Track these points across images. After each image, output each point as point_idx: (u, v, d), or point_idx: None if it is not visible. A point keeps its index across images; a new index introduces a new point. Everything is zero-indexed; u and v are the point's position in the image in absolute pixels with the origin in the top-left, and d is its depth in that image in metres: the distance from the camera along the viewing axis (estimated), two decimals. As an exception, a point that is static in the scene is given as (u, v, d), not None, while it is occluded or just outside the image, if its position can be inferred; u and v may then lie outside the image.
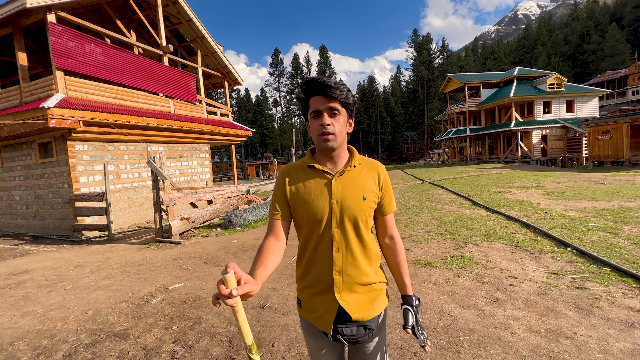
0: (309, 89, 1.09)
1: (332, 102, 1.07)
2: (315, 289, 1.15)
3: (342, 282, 1.11)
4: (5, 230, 9.66)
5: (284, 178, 1.19)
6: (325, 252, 1.12)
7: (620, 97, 47.05)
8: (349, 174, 1.14)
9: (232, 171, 15.50)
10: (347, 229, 1.11)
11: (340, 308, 1.10)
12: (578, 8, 79.61)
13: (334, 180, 1.12)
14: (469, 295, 3.07)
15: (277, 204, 1.17)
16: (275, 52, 69.52)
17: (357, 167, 1.16)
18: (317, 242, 1.13)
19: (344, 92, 1.08)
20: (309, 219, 1.12)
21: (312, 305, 1.16)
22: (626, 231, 4.57)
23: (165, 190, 6.63)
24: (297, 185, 1.16)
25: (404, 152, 68.73)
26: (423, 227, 5.87)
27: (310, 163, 1.16)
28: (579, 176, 12.10)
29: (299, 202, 1.14)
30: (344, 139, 1.13)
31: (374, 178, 1.16)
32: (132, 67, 9.52)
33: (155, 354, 2.51)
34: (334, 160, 1.15)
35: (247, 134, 14.81)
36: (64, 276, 4.75)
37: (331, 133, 1.08)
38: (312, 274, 1.15)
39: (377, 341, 1.17)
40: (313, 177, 1.15)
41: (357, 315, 1.10)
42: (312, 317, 1.16)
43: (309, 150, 1.22)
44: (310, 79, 1.09)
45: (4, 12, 7.36)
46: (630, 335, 2.26)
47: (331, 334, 1.12)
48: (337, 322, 1.11)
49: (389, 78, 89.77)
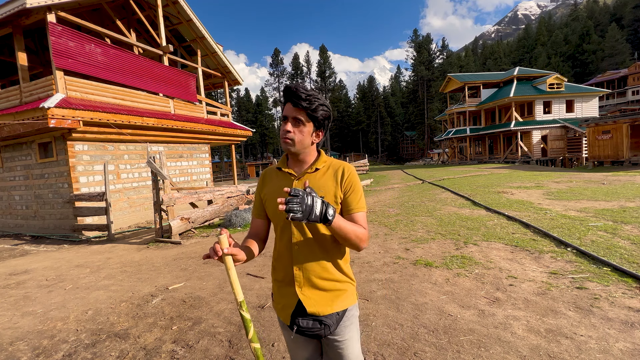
0: (285, 95, 1.17)
1: (298, 112, 1.14)
2: (281, 282, 1.24)
3: (302, 276, 1.18)
4: (5, 230, 9.67)
5: (261, 180, 1.33)
6: (287, 248, 1.20)
7: (620, 97, 47.06)
8: (310, 176, 1.22)
9: (232, 171, 15.50)
10: (304, 226, 1.17)
11: (299, 301, 1.17)
12: (578, 8, 79.51)
13: (295, 182, 1.21)
14: (469, 295, 3.07)
15: (255, 204, 1.34)
16: (275, 52, 69.53)
17: (321, 170, 1.23)
18: (281, 237, 1.23)
19: (313, 105, 1.12)
20: (274, 215, 1.23)
21: (278, 297, 1.26)
22: (626, 231, 4.57)
23: (165, 190, 6.63)
24: (268, 185, 1.28)
25: (404, 152, 68.74)
26: (423, 227, 5.87)
27: (279, 166, 1.27)
28: (579, 176, 12.10)
29: (268, 201, 1.25)
30: (305, 147, 1.19)
31: (336, 179, 1.20)
32: (132, 67, 9.53)
33: (155, 354, 2.51)
34: (299, 163, 1.25)
35: (247, 134, 14.81)
36: (64, 276, 4.75)
37: (290, 139, 1.15)
38: (278, 268, 1.25)
39: (346, 339, 1.21)
40: (281, 178, 1.26)
41: (312, 309, 1.16)
42: (277, 308, 1.26)
43: (284, 154, 1.31)
44: (287, 86, 1.16)
45: (4, 12, 7.36)
46: (630, 335, 2.26)
47: (288, 325, 1.20)
48: (295, 315, 1.18)
49: (389, 78, 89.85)
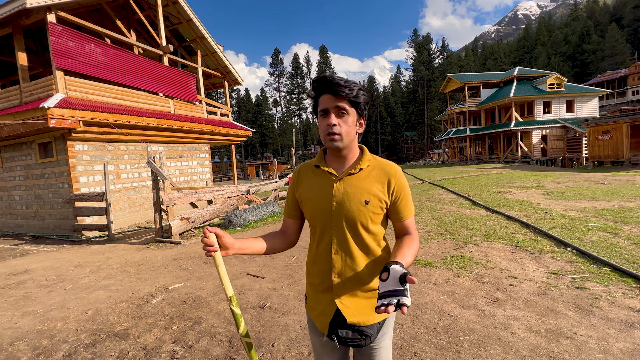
0: (319, 87, 1.08)
1: (340, 101, 1.04)
2: (317, 288, 1.17)
3: (342, 285, 1.10)
4: (5, 230, 9.66)
5: (296, 177, 1.24)
6: (325, 253, 1.12)
7: (620, 97, 47.04)
8: (354, 176, 1.11)
9: (232, 171, 15.49)
10: (346, 232, 1.09)
11: (338, 310, 1.10)
12: (578, 8, 79.52)
13: (337, 182, 1.11)
14: (469, 295, 3.07)
15: (287, 202, 1.26)
16: (275, 52, 69.51)
17: (366, 170, 1.13)
18: (319, 241, 1.15)
19: (353, 91, 1.04)
20: (312, 218, 1.16)
21: (313, 302, 1.19)
22: (626, 231, 4.57)
23: (165, 190, 6.63)
24: (305, 184, 1.19)
25: (404, 152, 68.73)
26: (423, 227, 5.87)
27: (317, 163, 1.17)
28: (579, 176, 12.10)
29: (305, 201, 1.17)
30: (352, 140, 1.10)
31: (383, 183, 1.10)
32: (132, 67, 9.52)
33: (155, 354, 2.51)
34: (341, 161, 1.14)
35: (247, 134, 14.81)
36: (64, 276, 4.75)
37: (337, 133, 1.05)
38: (314, 273, 1.17)
39: (381, 347, 1.14)
40: (320, 177, 1.16)
41: (353, 320, 1.08)
42: (313, 314, 1.19)
43: (321, 150, 1.21)
44: (320, 77, 1.07)
45: (4, 12, 7.36)
46: (630, 335, 2.26)
47: (326, 334, 1.13)
48: (333, 323, 1.10)
49: (388, 78, 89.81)
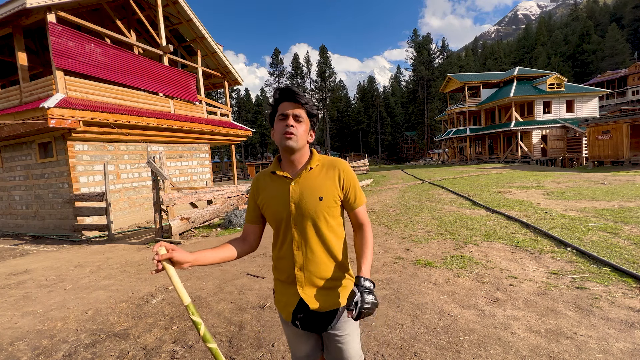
0: (282, 95, 1.21)
1: (298, 108, 1.19)
2: (283, 282, 1.29)
3: (304, 277, 1.22)
4: (5, 230, 9.67)
5: (255, 185, 1.34)
6: (288, 250, 1.24)
7: (620, 97, 47.06)
8: (306, 177, 1.23)
9: (232, 171, 15.49)
10: (306, 229, 1.21)
11: (301, 299, 1.22)
12: (578, 8, 79.58)
13: (292, 184, 1.22)
14: (469, 295, 3.07)
15: (248, 209, 1.36)
16: (275, 52, 69.47)
17: (316, 169, 1.25)
18: (282, 241, 1.26)
19: (309, 103, 1.21)
20: (273, 220, 1.27)
21: (279, 295, 1.31)
22: (626, 231, 4.57)
23: (165, 190, 6.63)
24: (264, 190, 1.29)
25: (404, 152, 68.73)
26: (423, 227, 5.87)
27: (273, 170, 1.28)
28: (579, 176, 12.10)
29: (266, 206, 1.27)
30: (304, 144, 1.23)
31: (333, 178, 1.23)
32: (132, 67, 9.52)
33: (155, 354, 2.51)
34: (294, 164, 1.26)
35: (247, 134, 14.81)
36: (64, 276, 4.75)
37: (293, 133, 1.17)
38: (280, 268, 1.29)
39: (347, 334, 1.25)
40: (276, 181, 1.27)
41: (314, 306, 1.20)
42: (279, 306, 1.31)
43: (276, 158, 1.33)
44: (284, 87, 1.22)
45: (4, 12, 7.36)
46: (630, 335, 2.26)
47: (290, 321, 1.26)
48: (297, 311, 1.23)
49: (388, 78, 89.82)
